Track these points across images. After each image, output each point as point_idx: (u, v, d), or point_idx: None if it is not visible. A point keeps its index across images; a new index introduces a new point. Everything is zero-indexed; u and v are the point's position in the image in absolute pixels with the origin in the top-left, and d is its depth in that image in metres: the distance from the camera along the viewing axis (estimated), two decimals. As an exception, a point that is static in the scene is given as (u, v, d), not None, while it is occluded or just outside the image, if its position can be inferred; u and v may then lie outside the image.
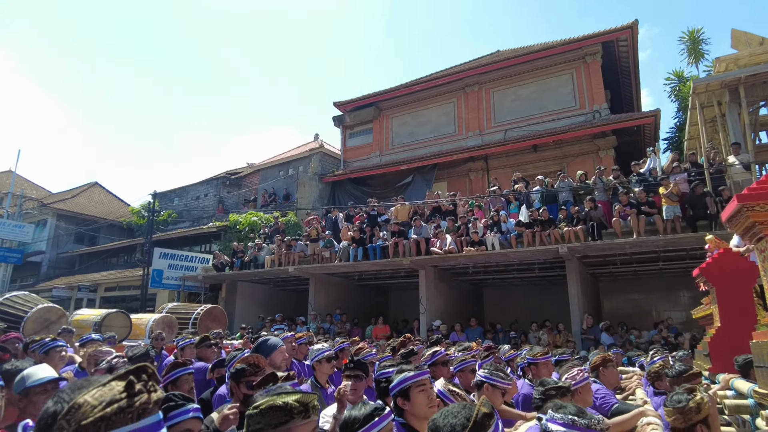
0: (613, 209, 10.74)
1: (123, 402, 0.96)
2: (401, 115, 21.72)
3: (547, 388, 2.67)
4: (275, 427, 1.48)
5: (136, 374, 1.02)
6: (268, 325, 13.68)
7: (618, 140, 16.53)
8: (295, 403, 1.52)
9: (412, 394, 2.35)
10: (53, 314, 8.60)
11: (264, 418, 1.50)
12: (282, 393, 1.58)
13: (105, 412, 0.94)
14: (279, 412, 1.50)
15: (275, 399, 1.53)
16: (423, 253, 12.30)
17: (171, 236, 21.82)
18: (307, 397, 1.58)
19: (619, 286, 14.88)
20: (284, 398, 1.54)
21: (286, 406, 1.51)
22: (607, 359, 4.12)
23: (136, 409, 0.97)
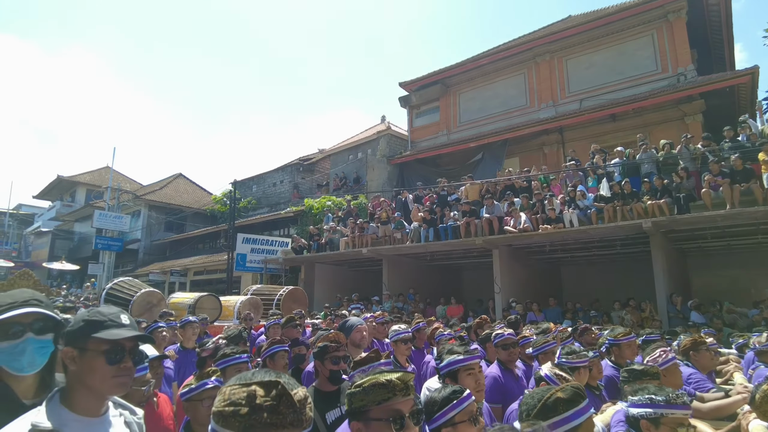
0: (702, 180, 10.00)
1: (242, 410, 1.06)
2: (469, 91, 21.28)
3: (631, 371, 2.65)
4: (379, 403, 1.55)
5: (269, 387, 1.10)
6: (345, 305, 14.20)
7: (707, 104, 15.21)
8: (397, 381, 1.57)
9: (460, 376, 2.49)
10: (154, 298, 9.46)
11: (368, 396, 1.56)
12: (384, 371, 1.65)
13: (224, 409, 1.08)
14: (382, 389, 1.55)
15: (378, 377, 1.59)
16: (496, 233, 12.14)
17: (251, 222, 23.00)
18: (407, 376, 1.63)
19: (711, 261, 13.87)
20: (387, 376, 1.59)
21: (389, 383, 1.56)
22: (698, 341, 3.94)
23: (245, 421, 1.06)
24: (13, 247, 41.97)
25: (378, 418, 1.55)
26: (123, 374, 1.50)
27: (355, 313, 10.71)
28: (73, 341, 1.48)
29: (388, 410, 1.55)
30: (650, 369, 2.64)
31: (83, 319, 1.51)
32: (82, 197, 37.07)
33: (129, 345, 1.52)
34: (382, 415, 1.55)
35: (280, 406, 1.08)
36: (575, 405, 1.65)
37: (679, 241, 11.97)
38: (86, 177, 37.23)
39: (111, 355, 1.47)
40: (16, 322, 1.61)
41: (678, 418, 1.96)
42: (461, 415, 2.04)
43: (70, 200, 38.45)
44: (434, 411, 2.11)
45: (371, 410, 1.56)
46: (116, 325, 1.50)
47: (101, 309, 1.57)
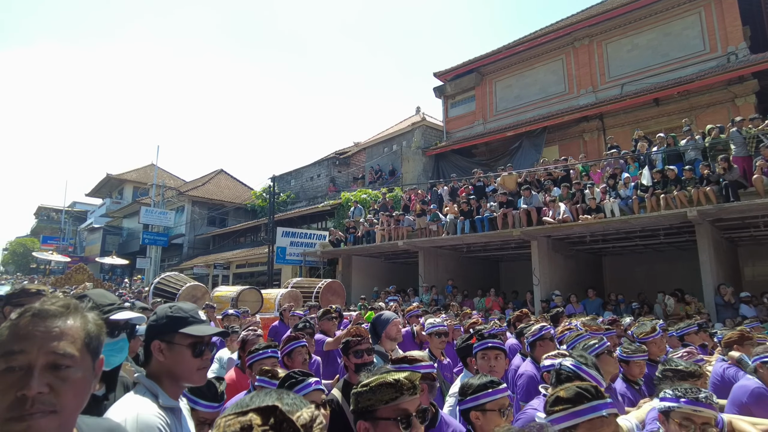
0: (754, 165, 9.51)
1: None
2: (505, 78, 20.89)
3: (665, 369, 2.61)
4: (386, 403, 1.55)
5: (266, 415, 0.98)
6: (382, 297, 14.33)
7: (760, 84, 14.40)
8: (405, 380, 1.58)
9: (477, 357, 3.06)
10: (198, 291, 9.84)
11: (375, 395, 1.57)
12: (390, 371, 1.66)
13: None
14: (390, 389, 1.56)
15: (385, 376, 1.60)
16: (534, 223, 11.95)
17: (290, 216, 23.45)
18: (414, 375, 1.65)
19: (764, 250, 13.20)
20: (394, 375, 1.60)
21: (397, 383, 1.57)
22: (744, 336, 3.81)
23: None
24: (69, 243, 44.35)
25: (386, 417, 1.55)
26: (205, 365, 1.66)
27: (391, 304, 10.86)
28: (161, 335, 1.63)
29: (396, 410, 1.56)
30: (685, 368, 2.58)
31: (167, 315, 1.66)
32: (129, 194, 38.72)
33: (209, 339, 1.68)
34: (390, 414, 1.55)
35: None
36: (576, 405, 1.66)
37: (728, 230, 11.44)
38: (133, 175, 38.82)
39: (196, 349, 1.62)
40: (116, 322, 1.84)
41: (685, 413, 1.99)
42: (493, 405, 2.14)
43: (118, 197, 40.24)
44: (468, 394, 2.19)
45: (378, 410, 1.57)
46: (198, 321, 1.66)
47: (182, 306, 1.72)
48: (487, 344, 3.15)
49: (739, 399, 3.24)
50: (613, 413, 1.71)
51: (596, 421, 1.65)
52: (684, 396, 2.04)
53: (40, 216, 58.14)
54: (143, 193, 35.55)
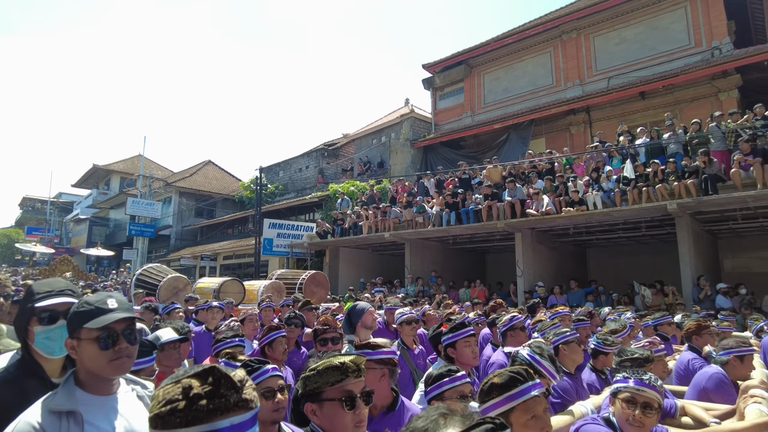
0: (732, 159, 9.64)
1: (179, 405, 0.99)
2: (493, 71, 20.91)
3: (623, 359, 2.68)
4: (332, 385, 1.64)
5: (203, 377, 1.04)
6: (369, 288, 14.40)
7: (743, 79, 14.53)
8: (350, 363, 1.67)
9: (458, 346, 3.00)
10: (180, 283, 9.83)
11: (321, 378, 1.65)
12: (337, 355, 1.74)
13: (160, 411, 1.00)
14: (335, 372, 1.65)
15: (332, 360, 1.69)
16: (518, 216, 12.03)
17: (278, 207, 23.39)
18: (360, 359, 1.73)
19: (743, 243, 13.41)
20: (340, 359, 1.69)
21: (342, 366, 1.66)
22: (702, 326, 3.92)
23: (186, 414, 0.98)
24: (55, 234, 43.90)
25: (331, 398, 1.64)
26: (119, 356, 1.57)
27: (377, 295, 10.92)
28: (71, 332, 1.59)
29: (341, 391, 1.64)
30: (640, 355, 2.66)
31: (73, 311, 1.60)
32: (116, 185, 38.37)
33: (121, 327, 1.59)
34: (335, 395, 1.64)
35: (221, 389, 1.03)
36: (510, 389, 1.72)
37: (708, 222, 11.62)
38: (120, 165, 38.44)
39: (103, 341, 1.55)
40: (53, 309, 1.79)
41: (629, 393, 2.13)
42: (451, 392, 2.19)
43: (105, 188, 39.87)
44: (428, 384, 2.25)
45: (324, 391, 1.65)
46: (103, 312, 1.57)
47: (88, 298, 1.64)
48: (470, 332, 3.18)
49: (700, 383, 3.36)
50: (543, 392, 1.78)
51: (530, 402, 1.71)
52: (631, 377, 2.16)
53: (25, 207, 57.41)
54: (130, 184, 35.24)
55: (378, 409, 2.31)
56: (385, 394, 2.33)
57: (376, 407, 2.31)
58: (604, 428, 2.14)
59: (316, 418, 1.69)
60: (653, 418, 2.11)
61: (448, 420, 1.05)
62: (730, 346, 3.41)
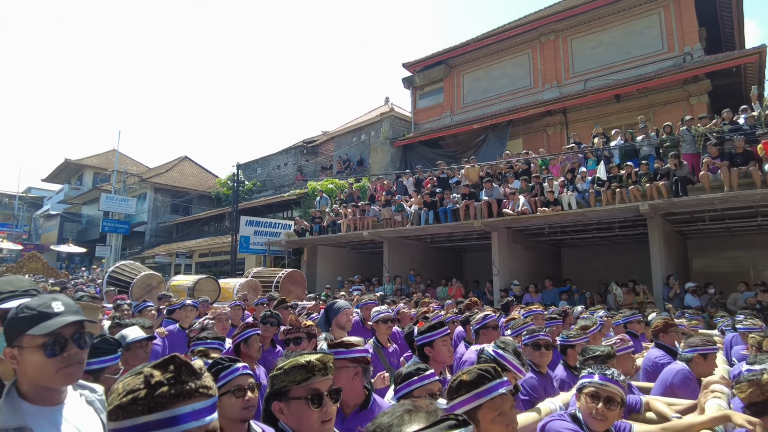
0: (701, 162, 9.92)
1: (140, 393, 1.00)
2: (473, 71, 21.05)
3: (586, 357, 2.74)
4: (298, 383, 1.67)
5: (163, 366, 1.06)
6: (347, 286, 14.38)
7: (713, 84, 14.95)
8: (316, 362, 1.69)
9: (436, 345, 3.02)
10: (154, 280, 9.67)
11: (288, 376, 1.68)
12: (304, 353, 1.76)
13: (121, 402, 1.00)
14: (302, 370, 1.68)
15: (298, 359, 1.71)
16: (495, 215, 12.17)
17: (255, 204, 23.16)
18: (327, 357, 1.75)
19: (711, 243, 13.82)
20: (306, 357, 1.71)
21: (309, 364, 1.68)
22: (669, 324, 4.03)
23: (148, 401, 0.99)
24: (24, 230, 42.65)
25: (297, 397, 1.66)
26: (69, 363, 1.44)
27: (355, 294, 10.90)
28: (10, 341, 1.44)
29: (307, 389, 1.67)
30: (602, 352, 2.73)
31: (12, 317, 1.46)
32: (89, 180, 37.43)
33: (70, 332, 1.46)
34: (301, 393, 1.66)
35: (182, 376, 1.05)
36: (478, 386, 1.75)
37: (678, 223, 11.93)
38: (93, 160, 37.52)
39: (50, 348, 1.41)
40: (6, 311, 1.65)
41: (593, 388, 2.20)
42: (420, 391, 2.21)
43: (78, 183, 38.86)
44: (398, 382, 2.27)
45: (291, 390, 1.67)
46: (48, 316, 1.44)
47: (29, 302, 1.49)
48: (446, 331, 3.21)
49: (667, 379, 3.48)
50: (510, 390, 1.82)
51: (497, 399, 1.74)
52: (595, 373, 2.23)
53: (-7, 201, 55.63)
54: (104, 179, 34.42)
55: (351, 407, 2.33)
56: (358, 393, 2.35)
57: (349, 405, 2.33)
58: (569, 424, 2.19)
59: (283, 416, 1.70)
60: (616, 411, 2.17)
61: (413, 416, 1.07)
62: (695, 344, 3.52)
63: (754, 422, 2.16)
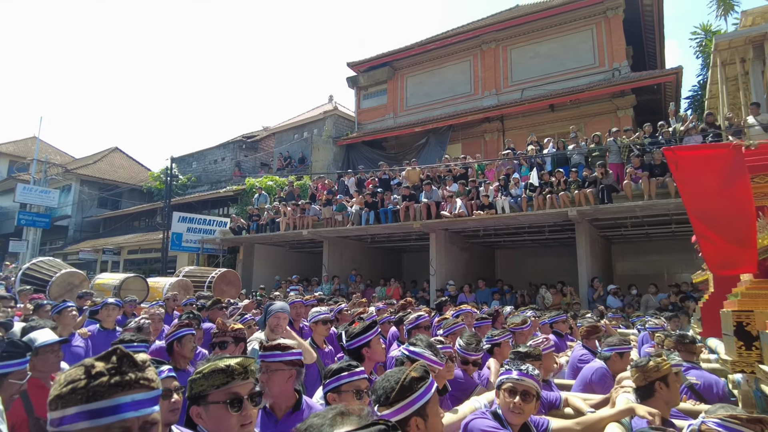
0: (625, 171, 10.57)
1: (80, 383, 1.03)
2: (416, 75, 21.33)
3: (516, 353, 2.83)
4: (218, 387, 1.64)
5: (106, 357, 1.08)
6: (284, 286, 14.11)
7: (638, 99, 16.02)
8: (236, 366, 1.67)
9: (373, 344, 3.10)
10: (76, 278, 9.05)
11: (207, 380, 1.65)
12: (224, 357, 1.74)
13: (61, 391, 1.03)
14: (221, 374, 1.65)
15: (217, 362, 1.68)
16: (433, 217, 12.38)
17: (189, 200, 22.28)
18: (247, 361, 1.73)
19: (632, 248, 14.79)
20: (226, 361, 1.69)
21: (228, 368, 1.66)
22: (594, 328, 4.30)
23: (87, 390, 1.02)
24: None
25: (216, 401, 1.64)
26: None
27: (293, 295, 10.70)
28: None
29: (227, 393, 1.64)
30: (529, 351, 2.83)
31: None
32: (4, 169, 34.46)
33: None
34: (220, 398, 1.64)
35: (123, 366, 1.07)
36: (426, 381, 1.75)
37: (603, 228, 12.65)
38: (9, 147, 34.60)
39: None
40: None
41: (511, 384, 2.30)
42: (348, 386, 2.24)
43: (-10, 172, 35.72)
44: (327, 377, 2.27)
45: (210, 394, 1.65)
46: None
47: None
48: (378, 331, 3.28)
49: (587, 377, 3.69)
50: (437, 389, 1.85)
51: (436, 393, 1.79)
52: (512, 369, 2.34)
53: None
54: (21, 169, 31.82)
55: (283, 409, 2.34)
56: (290, 395, 2.38)
57: (281, 408, 2.34)
58: (490, 421, 2.24)
59: (201, 420, 1.67)
60: (532, 404, 2.28)
61: (345, 419, 1.08)
62: (613, 344, 3.75)
63: (653, 413, 2.37)
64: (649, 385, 2.52)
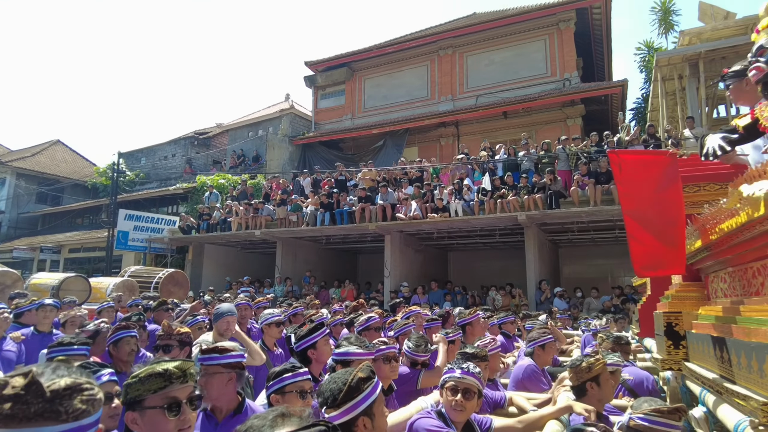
0: (573, 178, 10.98)
1: None
2: (375, 77, 21.39)
3: (462, 353, 2.87)
4: (154, 392, 1.59)
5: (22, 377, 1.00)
6: (234, 288, 13.78)
7: (586, 109, 16.68)
8: (174, 369, 1.62)
9: (319, 345, 3.06)
10: (8, 278, 8.51)
11: (143, 385, 1.59)
12: (162, 361, 1.68)
13: None
14: (158, 378, 1.60)
15: (155, 366, 1.63)
16: (389, 219, 12.45)
17: (137, 197, 21.42)
18: (186, 364, 1.68)
19: (578, 252, 15.37)
20: (164, 365, 1.64)
21: (166, 372, 1.61)
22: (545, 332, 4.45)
23: None
24: None
25: (153, 406, 1.59)
26: None
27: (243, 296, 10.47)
28: None
29: (164, 398, 1.59)
30: (476, 352, 2.89)
31: None
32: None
33: None
34: (157, 402, 1.59)
35: (28, 396, 0.98)
36: (372, 381, 1.76)
37: (551, 233, 13.09)
38: (-63, 136, 32.23)
39: None
40: None
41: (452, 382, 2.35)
42: (291, 387, 2.23)
43: None
44: (270, 379, 2.24)
45: (146, 399, 1.59)
46: None
47: None
48: (326, 331, 3.29)
49: (517, 376, 3.82)
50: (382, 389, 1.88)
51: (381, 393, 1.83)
52: (454, 368, 2.39)
53: None
54: (-52, 160, 29.70)
55: (224, 412, 2.31)
56: (232, 398, 2.34)
57: (222, 411, 2.31)
58: (435, 420, 2.27)
59: (137, 426, 1.62)
60: (473, 402, 2.32)
61: (285, 420, 1.08)
62: (533, 338, 3.90)
63: (589, 410, 2.48)
64: (582, 384, 2.64)
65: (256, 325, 5.45)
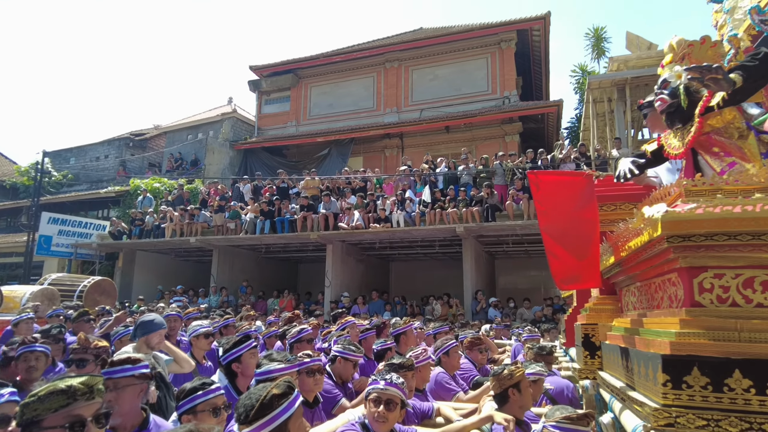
0: (508, 193, 11.41)
1: None
2: (321, 85, 21.33)
3: (390, 364, 2.90)
4: (56, 410, 1.48)
5: None
6: (167, 297, 13.21)
7: (524, 126, 17.41)
8: (79, 385, 1.53)
9: (244, 359, 3.00)
10: None
11: (43, 404, 1.48)
12: (65, 377, 1.59)
13: None
14: (61, 396, 1.49)
15: (57, 383, 1.53)
16: (331, 228, 12.39)
17: (63, 200, 20.13)
18: (93, 380, 1.60)
19: (513, 264, 15.93)
20: (68, 381, 1.54)
21: (69, 389, 1.51)
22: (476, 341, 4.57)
23: None
24: None
25: (52, 426, 1.48)
26: None
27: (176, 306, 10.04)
28: None
29: (67, 416, 1.50)
30: (405, 362, 2.93)
31: None
32: None
33: None
34: (59, 422, 1.49)
35: None
36: (289, 397, 1.74)
37: (488, 244, 13.51)
38: None
39: None
40: None
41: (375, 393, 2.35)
42: (203, 405, 2.17)
43: None
44: (180, 398, 2.17)
45: (45, 419, 1.49)
46: None
47: None
48: (253, 344, 3.19)
49: (430, 386, 3.86)
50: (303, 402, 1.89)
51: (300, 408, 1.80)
52: (378, 379, 2.40)
53: None
54: None
55: (128, 429, 2.19)
56: (137, 413, 2.24)
57: (126, 428, 2.19)
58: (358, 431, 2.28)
59: None
60: (395, 413, 2.34)
61: None
62: (437, 347, 4.02)
63: (508, 419, 2.57)
64: (504, 392, 2.73)
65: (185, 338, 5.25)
